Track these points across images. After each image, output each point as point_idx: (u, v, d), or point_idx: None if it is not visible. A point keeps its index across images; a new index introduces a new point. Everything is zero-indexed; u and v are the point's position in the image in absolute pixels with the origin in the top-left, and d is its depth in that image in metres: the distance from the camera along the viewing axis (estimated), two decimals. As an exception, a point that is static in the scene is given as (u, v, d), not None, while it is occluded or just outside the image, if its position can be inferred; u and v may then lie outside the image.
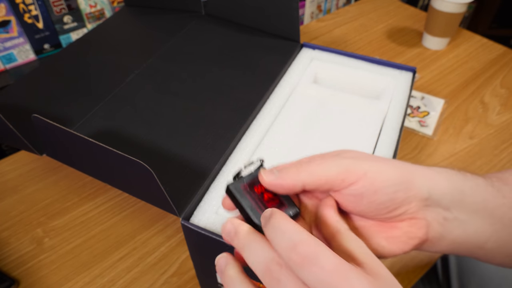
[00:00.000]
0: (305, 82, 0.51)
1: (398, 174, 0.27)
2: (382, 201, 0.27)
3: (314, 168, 0.27)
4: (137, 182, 0.37)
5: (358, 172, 0.26)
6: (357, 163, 0.27)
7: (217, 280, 0.40)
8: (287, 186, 0.27)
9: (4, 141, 0.49)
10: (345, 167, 0.26)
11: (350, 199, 0.27)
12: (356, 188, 0.26)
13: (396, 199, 0.27)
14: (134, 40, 0.61)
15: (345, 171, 0.26)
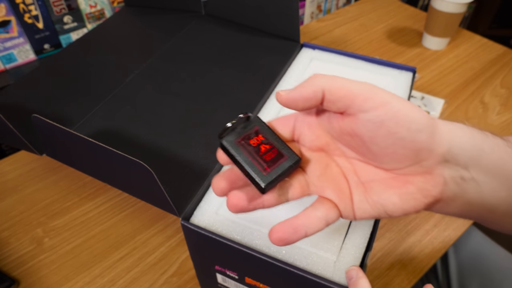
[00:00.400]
0: (305, 82, 0.51)
1: (424, 115, 0.24)
2: (402, 137, 0.24)
3: (336, 78, 0.25)
4: (137, 182, 0.37)
5: (383, 98, 0.24)
6: (382, 90, 0.25)
7: (217, 280, 0.40)
8: (307, 94, 0.25)
9: (4, 141, 0.49)
10: (369, 87, 0.25)
11: (368, 126, 0.25)
12: (378, 114, 0.24)
13: (418, 141, 0.24)
14: (134, 40, 0.61)
15: (368, 91, 0.25)
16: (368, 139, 0.25)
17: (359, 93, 0.24)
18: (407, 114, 0.24)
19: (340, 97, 0.25)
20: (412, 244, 0.54)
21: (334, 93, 0.25)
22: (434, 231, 0.56)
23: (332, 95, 0.25)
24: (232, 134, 0.27)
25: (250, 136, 0.27)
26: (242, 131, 0.27)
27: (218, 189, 0.26)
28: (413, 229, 0.56)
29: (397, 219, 0.57)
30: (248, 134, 0.27)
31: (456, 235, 0.55)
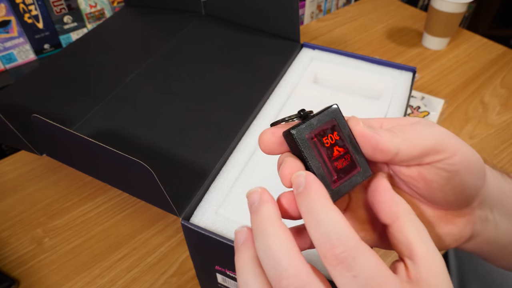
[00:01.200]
0: (305, 82, 0.51)
1: (481, 159, 0.24)
2: (471, 184, 0.24)
3: (410, 134, 0.22)
4: (137, 182, 0.37)
5: (455, 146, 0.23)
6: (451, 136, 0.23)
7: (217, 280, 0.40)
8: (382, 148, 0.22)
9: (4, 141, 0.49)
10: (441, 137, 0.23)
11: (442, 175, 0.23)
12: (453, 163, 0.23)
13: (478, 187, 0.24)
14: (134, 40, 0.61)
15: (441, 142, 0.23)
16: (437, 185, 0.24)
17: (432, 147, 0.23)
18: (475, 160, 0.24)
19: (413, 156, 0.23)
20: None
21: (407, 153, 0.22)
22: (434, 231, 0.56)
23: (405, 156, 0.23)
24: (304, 124, 0.22)
25: (326, 132, 0.22)
26: (317, 123, 0.22)
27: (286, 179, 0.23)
28: (413, 229, 0.56)
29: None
30: (323, 129, 0.23)
31: (456, 235, 0.55)
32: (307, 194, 0.20)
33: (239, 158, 0.41)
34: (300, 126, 0.22)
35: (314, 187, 0.20)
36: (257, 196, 0.22)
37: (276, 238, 0.20)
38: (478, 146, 0.67)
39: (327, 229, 0.19)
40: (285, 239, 0.19)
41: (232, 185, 0.39)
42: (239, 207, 0.37)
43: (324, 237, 0.19)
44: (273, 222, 0.20)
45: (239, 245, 0.22)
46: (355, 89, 0.52)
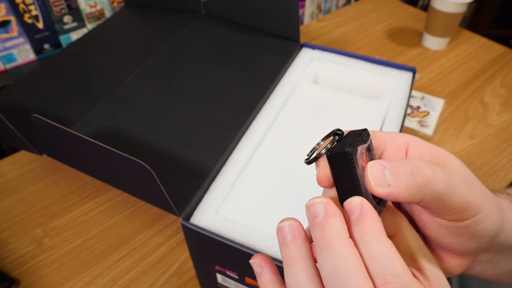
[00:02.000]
0: (305, 82, 0.51)
1: (500, 219, 0.24)
2: (481, 243, 0.23)
3: (435, 186, 0.21)
4: (137, 182, 0.37)
5: (476, 209, 0.22)
6: (474, 196, 0.22)
7: (217, 280, 0.40)
8: (402, 198, 0.20)
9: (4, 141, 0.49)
10: (467, 199, 0.22)
11: (459, 231, 0.23)
12: (470, 226, 0.22)
13: (493, 240, 0.24)
14: (134, 40, 0.61)
15: (467, 204, 0.22)
16: (449, 234, 0.23)
17: (455, 205, 0.21)
18: (492, 223, 0.23)
19: (436, 208, 0.22)
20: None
21: (432, 204, 0.21)
22: (434, 231, 0.56)
23: (429, 205, 0.22)
24: (354, 145, 0.21)
25: (364, 155, 0.22)
26: (358, 145, 0.22)
27: None
28: (413, 229, 0.56)
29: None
30: (362, 152, 0.22)
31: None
32: (361, 224, 0.20)
33: (239, 158, 0.41)
34: (351, 145, 0.21)
35: (369, 218, 0.20)
36: (321, 209, 0.20)
37: (346, 259, 0.19)
38: (478, 146, 0.67)
39: (382, 264, 0.19)
40: (355, 261, 0.19)
41: (232, 185, 0.39)
42: (239, 207, 0.37)
43: (379, 271, 0.19)
44: (343, 241, 0.19)
45: (287, 241, 0.22)
46: (355, 89, 0.52)
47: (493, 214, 0.23)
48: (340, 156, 0.21)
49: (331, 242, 0.20)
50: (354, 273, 0.19)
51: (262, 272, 0.24)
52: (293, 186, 0.39)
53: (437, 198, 0.21)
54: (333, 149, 0.22)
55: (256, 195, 0.38)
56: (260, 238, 0.35)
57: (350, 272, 0.19)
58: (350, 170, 0.21)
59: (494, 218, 0.23)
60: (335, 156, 0.21)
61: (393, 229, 0.22)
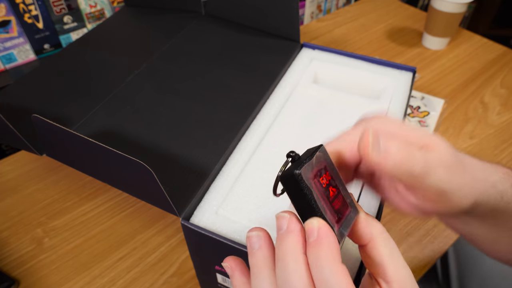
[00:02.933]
0: (305, 82, 0.51)
1: (471, 202, 0.26)
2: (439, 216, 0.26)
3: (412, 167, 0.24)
4: (137, 182, 0.37)
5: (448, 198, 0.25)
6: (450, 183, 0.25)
7: (217, 280, 0.40)
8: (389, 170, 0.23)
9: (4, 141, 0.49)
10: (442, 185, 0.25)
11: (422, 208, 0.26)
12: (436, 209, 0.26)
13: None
14: (134, 40, 0.61)
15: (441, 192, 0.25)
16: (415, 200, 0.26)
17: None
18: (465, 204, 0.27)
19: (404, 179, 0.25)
20: (412, 244, 0.54)
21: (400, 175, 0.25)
22: (434, 231, 0.56)
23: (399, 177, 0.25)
24: (303, 165, 0.21)
25: (321, 173, 0.22)
26: (315, 163, 0.22)
27: None
28: (413, 229, 0.56)
29: (397, 219, 0.57)
30: (319, 169, 0.22)
31: (456, 235, 0.55)
32: (317, 248, 0.20)
33: (239, 158, 0.41)
34: (302, 166, 0.21)
35: (325, 243, 0.20)
36: (284, 223, 0.22)
37: (296, 274, 0.20)
38: (478, 146, 0.67)
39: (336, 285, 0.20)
40: (302, 276, 0.20)
41: (232, 185, 0.39)
42: (239, 207, 0.37)
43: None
44: (296, 257, 0.21)
45: (254, 250, 0.23)
46: (355, 89, 0.52)
47: (464, 200, 0.26)
48: (291, 178, 0.21)
49: (285, 256, 0.21)
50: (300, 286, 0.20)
51: (233, 275, 0.25)
52: (293, 186, 0.39)
53: (413, 179, 0.23)
54: (284, 172, 0.22)
55: (256, 195, 0.38)
56: (260, 238, 0.35)
57: (298, 287, 0.20)
58: (303, 191, 0.21)
59: (464, 203, 0.26)
60: (285, 178, 0.21)
61: (366, 239, 0.23)
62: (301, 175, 0.20)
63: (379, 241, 0.23)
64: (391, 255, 0.23)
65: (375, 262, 0.23)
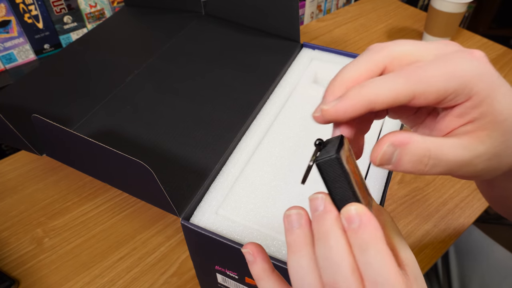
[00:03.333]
0: (305, 82, 0.51)
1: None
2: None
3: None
4: (137, 182, 0.37)
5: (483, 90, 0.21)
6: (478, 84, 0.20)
7: (217, 280, 0.40)
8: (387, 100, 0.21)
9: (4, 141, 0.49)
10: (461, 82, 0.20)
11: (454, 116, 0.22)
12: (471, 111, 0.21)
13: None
14: (134, 40, 0.61)
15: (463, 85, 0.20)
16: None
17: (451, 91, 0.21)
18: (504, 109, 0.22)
19: (429, 100, 0.21)
20: (412, 244, 0.54)
21: (425, 97, 0.21)
22: (434, 231, 0.56)
23: (421, 101, 0.21)
24: (338, 150, 0.21)
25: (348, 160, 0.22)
26: (342, 148, 0.22)
27: None
28: (413, 229, 0.56)
29: (396, 220, 0.57)
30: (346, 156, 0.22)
31: (456, 235, 0.55)
32: (361, 233, 0.20)
33: (239, 158, 0.41)
34: (339, 150, 0.21)
35: (371, 227, 0.20)
36: (320, 203, 0.22)
37: (338, 252, 0.20)
38: (478, 146, 0.67)
39: (376, 272, 0.20)
40: (345, 253, 0.20)
41: (232, 185, 0.39)
42: (239, 207, 0.37)
43: (372, 278, 0.20)
44: (337, 235, 0.21)
45: (294, 228, 0.22)
46: (355, 89, 0.52)
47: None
48: (330, 163, 0.21)
49: (326, 234, 0.21)
50: (342, 264, 0.20)
51: (254, 261, 0.25)
52: (293, 186, 0.39)
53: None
54: (320, 158, 0.21)
55: (256, 195, 0.38)
56: (260, 238, 0.35)
57: (339, 263, 0.20)
58: (343, 175, 0.21)
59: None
60: (324, 164, 0.21)
61: None
62: (341, 158, 0.21)
63: (390, 228, 0.23)
64: (401, 242, 0.23)
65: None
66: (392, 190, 0.60)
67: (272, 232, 0.35)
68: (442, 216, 0.57)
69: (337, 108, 0.21)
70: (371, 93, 0.21)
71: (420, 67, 0.21)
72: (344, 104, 0.21)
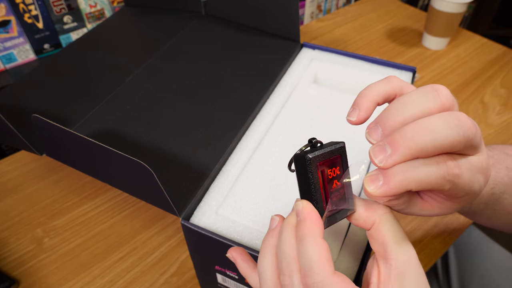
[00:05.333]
0: (305, 82, 0.51)
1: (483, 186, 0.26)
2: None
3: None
4: (137, 182, 0.37)
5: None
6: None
7: (217, 280, 0.40)
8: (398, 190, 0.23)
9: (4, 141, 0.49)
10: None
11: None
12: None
13: None
14: (134, 40, 0.61)
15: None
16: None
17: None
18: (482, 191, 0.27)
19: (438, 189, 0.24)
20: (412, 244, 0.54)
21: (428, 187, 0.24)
22: (434, 231, 0.56)
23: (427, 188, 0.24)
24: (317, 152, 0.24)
25: (331, 165, 0.25)
26: (328, 155, 0.24)
27: None
28: (413, 229, 0.56)
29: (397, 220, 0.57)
30: (331, 161, 0.25)
31: (456, 235, 0.55)
32: (301, 225, 0.24)
33: (239, 158, 0.41)
34: (315, 152, 0.24)
35: (308, 220, 0.24)
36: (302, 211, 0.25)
37: (285, 242, 0.24)
38: (478, 146, 0.67)
39: (306, 261, 0.23)
40: (291, 244, 0.24)
41: (232, 185, 0.39)
42: (239, 207, 0.37)
43: (303, 265, 0.23)
44: (288, 228, 0.25)
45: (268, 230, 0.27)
46: (355, 89, 0.52)
47: (487, 189, 0.32)
48: (301, 160, 0.24)
49: (282, 228, 0.25)
50: (286, 252, 0.24)
51: (236, 263, 0.29)
52: (293, 186, 0.39)
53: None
54: (299, 153, 0.24)
55: (256, 195, 0.38)
56: (260, 238, 0.35)
57: (284, 250, 0.24)
58: (307, 174, 0.24)
59: (486, 193, 0.31)
60: (298, 158, 0.24)
61: (369, 223, 0.25)
62: (311, 160, 0.23)
63: (382, 221, 0.24)
64: (393, 235, 0.24)
65: (378, 242, 0.24)
66: (392, 190, 0.60)
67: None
68: (442, 216, 0.57)
69: (382, 191, 0.23)
70: (413, 179, 0.22)
71: None
72: (387, 189, 0.22)
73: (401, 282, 0.22)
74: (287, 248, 0.24)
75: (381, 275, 0.23)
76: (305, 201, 0.24)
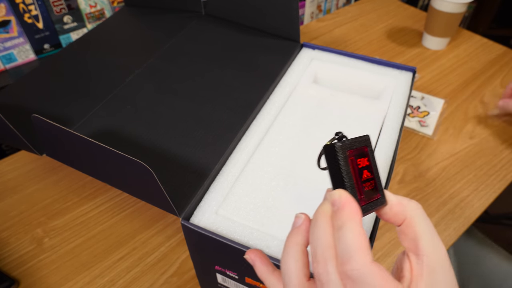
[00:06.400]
0: (305, 82, 0.51)
1: None
2: None
3: None
4: (137, 182, 0.37)
5: None
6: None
7: (217, 280, 0.40)
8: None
9: (4, 141, 0.49)
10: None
11: None
12: None
13: None
14: (134, 40, 0.61)
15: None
16: None
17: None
18: None
19: None
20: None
21: None
22: (434, 231, 0.56)
23: None
24: (346, 142, 0.25)
25: (360, 155, 0.25)
26: (356, 145, 0.25)
27: None
28: (413, 229, 0.56)
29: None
30: (360, 151, 0.25)
31: (456, 235, 0.55)
32: (339, 214, 0.23)
33: (239, 158, 0.41)
34: (343, 142, 0.24)
35: (347, 208, 0.23)
36: (340, 200, 0.24)
37: (320, 230, 0.24)
38: (478, 146, 0.67)
39: (344, 247, 0.22)
40: (326, 230, 0.24)
41: (232, 185, 0.39)
42: (239, 207, 0.37)
43: (340, 252, 0.22)
44: (323, 216, 0.24)
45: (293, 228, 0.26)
46: (355, 89, 0.52)
47: None
48: (331, 149, 0.24)
49: (316, 217, 0.25)
50: (322, 238, 0.23)
51: (254, 265, 0.29)
52: (293, 186, 0.39)
53: None
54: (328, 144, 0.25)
55: (256, 195, 0.38)
56: (260, 238, 0.35)
57: (319, 237, 0.24)
58: (339, 162, 0.24)
59: None
60: (327, 148, 0.25)
61: (400, 218, 0.25)
62: (340, 148, 0.24)
63: (413, 217, 0.24)
64: (425, 231, 0.24)
65: (409, 237, 0.24)
66: (392, 190, 0.60)
67: (272, 232, 0.35)
68: (442, 216, 0.57)
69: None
70: None
71: None
72: None
73: (433, 278, 0.23)
74: (322, 235, 0.23)
75: (413, 270, 0.23)
76: (342, 190, 0.24)
